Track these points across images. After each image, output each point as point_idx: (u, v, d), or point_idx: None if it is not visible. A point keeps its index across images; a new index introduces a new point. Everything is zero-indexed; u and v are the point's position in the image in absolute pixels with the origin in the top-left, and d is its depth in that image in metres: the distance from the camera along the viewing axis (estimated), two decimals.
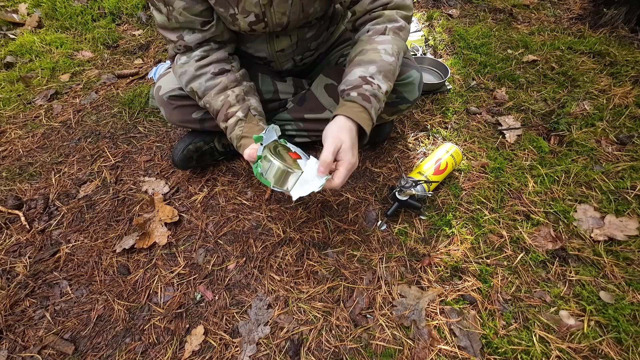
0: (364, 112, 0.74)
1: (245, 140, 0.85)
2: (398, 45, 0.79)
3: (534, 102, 1.37)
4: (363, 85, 0.74)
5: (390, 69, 0.77)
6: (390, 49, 0.77)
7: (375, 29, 0.80)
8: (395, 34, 0.79)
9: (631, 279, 0.85)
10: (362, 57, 0.77)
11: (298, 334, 0.81)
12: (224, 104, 0.86)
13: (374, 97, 0.74)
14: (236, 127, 0.86)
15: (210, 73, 0.86)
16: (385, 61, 0.76)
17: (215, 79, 0.87)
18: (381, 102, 0.76)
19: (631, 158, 1.13)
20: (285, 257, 0.95)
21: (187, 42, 0.84)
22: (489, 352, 0.76)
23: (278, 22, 0.83)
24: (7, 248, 1.01)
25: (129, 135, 1.36)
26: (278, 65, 1.02)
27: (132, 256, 0.98)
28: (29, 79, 1.67)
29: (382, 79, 0.75)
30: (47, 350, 0.81)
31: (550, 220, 0.99)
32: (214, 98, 0.87)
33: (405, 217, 1.02)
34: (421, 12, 2.04)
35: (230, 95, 0.86)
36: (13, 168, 1.25)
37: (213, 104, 0.87)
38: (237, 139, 0.86)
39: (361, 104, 0.74)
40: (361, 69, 0.76)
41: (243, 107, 0.87)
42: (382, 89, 0.75)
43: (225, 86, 0.87)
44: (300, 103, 1.06)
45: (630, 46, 1.61)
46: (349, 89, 0.75)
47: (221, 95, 0.86)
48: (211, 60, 0.87)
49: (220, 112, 0.87)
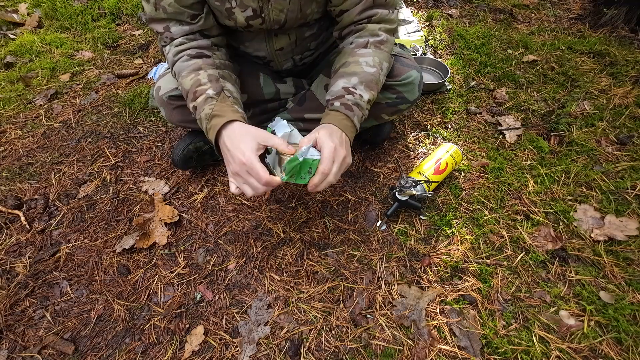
0: (347, 119, 0.77)
1: (217, 119, 0.74)
2: (379, 57, 0.82)
3: (534, 102, 1.37)
4: (345, 96, 0.78)
5: (372, 79, 0.80)
6: (372, 61, 0.81)
7: (358, 42, 0.83)
8: (376, 48, 0.83)
9: (631, 279, 0.85)
10: (344, 70, 0.81)
11: (298, 334, 0.81)
12: (194, 83, 0.79)
13: (356, 106, 0.78)
14: (205, 105, 0.76)
15: (187, 55, 0.82)
16: (367, 72, 0.80)
17: (190, 60, 0.82)
18: (364, 110, 0.80)
19: (631, 158, 1.13)
20: (285, 257, 0.95)
21: (173, 34, 0.82)
22: (489, 352, 0.76)
23: (275, 19, 0.83)
24: (7, 248, 1.01)
25: (129, 135, 1.36)
26: (277, 65, 1.01)
27: (132, 256, 0.98)
28: (29, 79, 1.67)
29: (364, 89, 0.79)
30: (47, 350, 0.81)
31: (550, 220, 0.99)
32: (184, 77, 0.80)
33: (405, 217, 1.02)
34: (421, 12, 2.04)
35: (202, 74, 0.79)
36: (13, 168, 1.25)
37: (183, 84, 0.81)
38: (207, 119, 0.75)
39: (344, 113, 0.77)
40: (344, 80, 0.80)
41: (215, 86, 0.79)
42: (364, 97, 0.79)
43: (199, 67, 0.81)
44: (300, 103, 1.06)
45: (630, 46, 1.61)
46: (332, 99, 0.79)
47: (192, 74, 0.80)
48: (190, 45, 0.83)
49: (189, 92, 0.79)
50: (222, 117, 0.74)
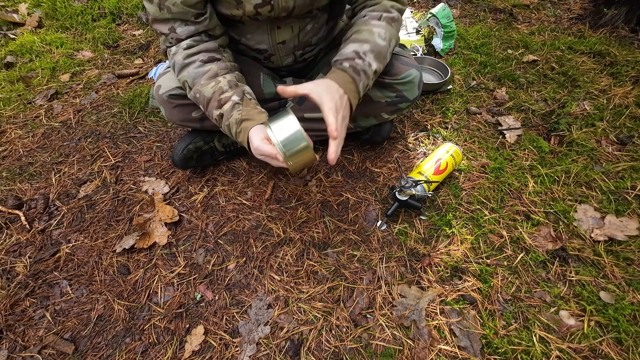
0: (352, 83, 0.77)
1: (247, 123, 0.80)
2: (390, 32, 0.84)
3: (534, 102, 1.37)
4: (355, 59, 0.78)
5: (381, 50, 0.81)
6: (384, 34, 0.82)
7: (371, 15, 0.85)
8: (388, 23, 0.84)
9: (631, 279, 0.85)
10: (357, 36, 0.82)
11: (298, 334, 0.81)
12: (216, 91, 0.82)
13: (364, 73, 0.78)
14: (234, 111, 0.80)
15: (199, 61, 0.83)
16: (378, 43, 0.81)
17: (204, 66, 0.83)
18: (370, 79, 0.80)
19: (631, 158, 1.12)
20: (285, 257, 0.95)
21: (179, 34, 0.82)
22: (489, 352, 0.76)
23: (284, 5, 0.82)
24: (7, 248, 1.01)
25: (129, 135, 1.36)
26: (278, 60, 1.01)
27: (132, 256, 0.98)
28: (29, 79, 1.67)
29: (373, 58, 0.80)
30: (47, 350, 0.81)
31: (551, 220, 0.99)
32: (203, 86, 0.82)
33: (405, 217, 1.02)
34: (421, 12, 2.04)
35: (222, 82, 0.82)
36: (13, 168, 1.25)
37: (203, 92, 0.83)
38: (237, 123, 0.80)
39: (351, 75, 0.77)
40: (356, 44, 0.80)
41: (237, 91, 0.83)
42: (372, 67, 0.80)
43: (215, 73, 0.83)
44: (300, 102, 1.06)
45: (630, 46, 1.60)
46: (341, 59, 0.79)
47: (212, 82, 0.82)
48: (200, 49, 0.84)
49: (212, 100, 0.82)
50: (252, 120, 0.79)
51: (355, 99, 0.78)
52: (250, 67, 1.00)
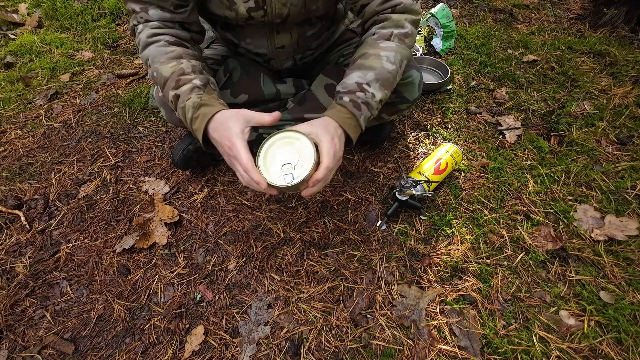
0: (352, 119, 0.74)
1: (206, 109, 0.70)
2: (402, 53, 0.78)
3: (534, 102, 1.37)
4: (357, 92, 0.74)
5: (389, 77, 0.77)
6: (393, 57, 0.77)
7: (381, 33, 0.79)
8: (400, 41, 0.78)
9: (631, 279, 0.85)
10: (363, 61, 0.77)
11: (298, 334, 0.81)
12: (175, 71, 0.73)
13: (366, 105, 0.74)
14: (192, 94, 0.71)
15: (164, 41, 0.76)
16: (385, 69, 0.76)
17: (168, 47, 0.76)
18: (373, 109, 0.77)
19: (631, 158, 1.13)
20: (285, 257, 0.95)
21: (150, 15, 0.75)
22: (489, 352, 0.76)
23: (278, 12, 0.81)
24: (7, 248, 1.01)
25: (129, 135, 1.36)
26: (278, 64, 1.01)
27: (132, 256, 0.98)
28: (29, 79, 1.67)
29: (378, 87, 0.75)
30: (47, 350, 0.81)
31: (550, 220, 0.99)
32: (163, 64, 0.74)
33: (405, 217, 1.02)
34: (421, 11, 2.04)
35: (185, 64, 0.74)
36: (13, 168, 1.25)
37: (161, 71, 0.74)
38: (194, 107, 0.70)
39: (350, 110, 0.74)
40: (359, 73, 0.76)
41: (201, 77, 0.74)
42: (377, 97, 0.75)
43: (179, 55, 0.76)
44: (301, 103, 1.06)
45: (630, 46, 1.61)
46: (343, 93, 0.75)
47: (172, 61, 0.74)
48: (169, 32, 0.77)
49: (170, 79, 0.73)
50: (212, 106, 0.70)
51: (357, 133, 0.76)
52: (250, 68, 1.00)
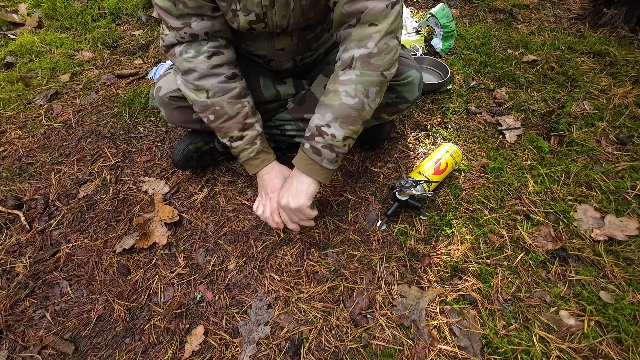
0: (314, 164, 0.79)
1: (265, 154, 0.91)
2: (364, 83, 0.73)
3: (534, 102, 1.37)
4: (315, 138, 0.78)
5: (349, 112, 0.75)
6: (353, 90, 0.73)
7: (343, 60, 0.74)
8: (364, 65, 0.72)
9: (631, 279, 0.85)
10: (323, 99, 0.78)
11: (298, 334, 0.81)
12: (240, 112, 0.87)
13: (327, 148, 0.78)
14: (257, 140, 0.90)
15: (224, 76, 0.86)
16: (345, 104, 0.74)
17: (229, 83, 0.86)
18: (340, 148, 0.78)
19: (631, 158, 1.13)
20: (285, 257, 0.95)
21: (194, 29, 0.79)
22: (489, 352, 0.76)
23: (278, 24, 0.83)
24: (7, 248, 1.01)
25: (129, 135, 1.36)
26: (278, 65, 1.01)
27: (132, 256, 0.98)
28: (29, 79, 1.67)
29: (338, 126, 0.76)
30: (47, 350, 0.81)
31: (550, 220, 0.99)
32: (228, 103, 0.86)
33: (405, 217, 1.02)
34: (421, 12, 2.04)
35: (247, 107, 0.89)
36: (13, 168, 1.25)
37: (227, 109, 0.86)
38: (256, 152, 0.90)
39: (310, 157, 0.79)
40: (318, 115, 0.78)
41: (259, 120, 0.92)
42: (338, 136, 0.76)
43: (239, 94, 0.87)
44: (300, 103, 1.06)
45: (630, 46, 1.61)
46: (305, 139, 0.81)
47: (238, 103, 0.87)
48: (223, 60, 0.85)
49: (236, 119, 0.87)
50: (270, 153, 0.92)
51: (324, 174, 0.81)
52: (249, 71, 1.00)
